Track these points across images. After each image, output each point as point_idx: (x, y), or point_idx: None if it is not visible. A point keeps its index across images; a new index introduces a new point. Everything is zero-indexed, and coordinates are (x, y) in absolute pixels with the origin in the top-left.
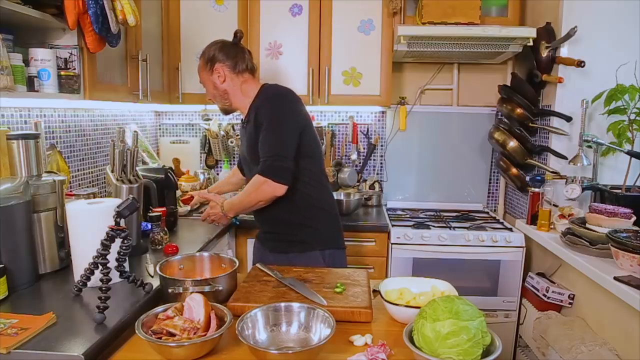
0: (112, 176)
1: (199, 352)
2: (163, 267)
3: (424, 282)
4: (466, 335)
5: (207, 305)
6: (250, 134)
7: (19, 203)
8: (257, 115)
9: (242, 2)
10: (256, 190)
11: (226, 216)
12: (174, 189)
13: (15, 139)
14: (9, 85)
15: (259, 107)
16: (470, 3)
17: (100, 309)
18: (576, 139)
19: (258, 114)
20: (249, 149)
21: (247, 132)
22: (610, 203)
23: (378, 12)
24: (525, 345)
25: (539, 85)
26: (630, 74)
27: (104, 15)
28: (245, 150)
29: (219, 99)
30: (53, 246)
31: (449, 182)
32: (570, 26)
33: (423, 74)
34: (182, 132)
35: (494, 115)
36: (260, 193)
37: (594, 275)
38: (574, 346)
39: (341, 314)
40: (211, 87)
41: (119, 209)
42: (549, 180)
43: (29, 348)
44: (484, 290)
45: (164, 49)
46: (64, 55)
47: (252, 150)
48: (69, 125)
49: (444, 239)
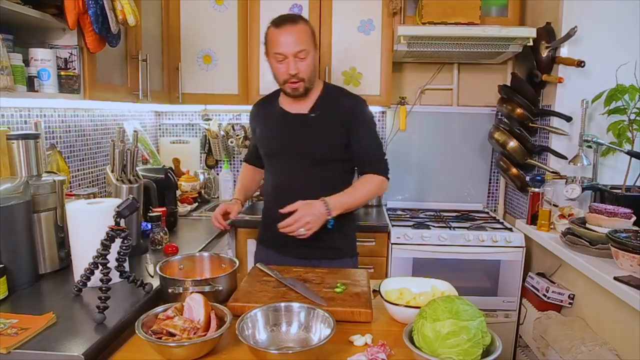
0: (112, 176)
1: (199, 352)
2: (163, 267)
3: (424, 282)
4: (466, 335)
5: (207, 305)
6: (324, 127)
7: (19, 203)
8: (352, 113)
9: (242, 2)
10: (377, 188)
11: (326, 216)
12: (174, 189)
13: (15, 139)
14: (9, 85)
15: (354, 106)
16: (470, 3)
17: (100, 309)
18: (576, 139)
19: (354, 112)
20: (319, 142)
21: (313, 124)
22: (610, 203)
23: (378, 12)
24: (525, 345)
25: (539, 85)
26: (630, 74)
27: (104, 15)
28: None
29: (311, 76)
30: (53, 246)
31: (449, 182)
32: (570, 26)
33: (423, 74)
34: (182, 132)
35: (494, 115)
36: (379, 191)
37: (594, 275)
38: (574, 346)
39: (341, 314)
40: (312, 60)
41: (119, 209)
42: (549, 180)
43: (29, 348)
44: (484, 290)
45: (164, 49)
46: (64, 55)
47: (322, 143)
48: (69, 125)
49: (444, 239)
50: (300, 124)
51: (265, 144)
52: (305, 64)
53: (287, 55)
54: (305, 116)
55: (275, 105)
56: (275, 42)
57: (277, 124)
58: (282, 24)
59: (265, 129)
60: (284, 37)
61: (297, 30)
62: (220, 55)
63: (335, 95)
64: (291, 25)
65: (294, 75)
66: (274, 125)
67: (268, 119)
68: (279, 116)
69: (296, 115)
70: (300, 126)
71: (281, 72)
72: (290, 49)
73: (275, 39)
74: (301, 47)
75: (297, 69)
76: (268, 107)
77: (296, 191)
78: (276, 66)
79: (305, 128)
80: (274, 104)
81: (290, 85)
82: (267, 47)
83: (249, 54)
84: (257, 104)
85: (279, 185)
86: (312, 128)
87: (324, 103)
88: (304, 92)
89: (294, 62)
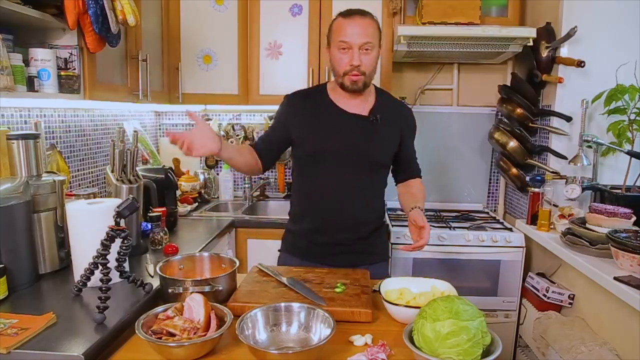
0: (112, 176)
1: (199, 352)
2: (163, 267)
3: (424, 282)
4: (466, 335)
5: (207, 305)
6: (385, 132)
7: (19, 203)
8: (407, 122)
9: (242, 2)
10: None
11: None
12: (174, 189)
13: (15, 139)
14: (9, 85)
15: (408, 115)
16: (470, 3)
17: (100, 309)
18: (576, 139)
19: (409, 121)
20: (380, 147)
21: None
22: (610, 203)
23: (378, 12)
24: (525, 345)
25: (539, 85)
26: (630, 74)
27: (104, 15)
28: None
29: (372, 73)
30: (53, 246)
31: (449, 182)
32: (570, 26)
33: (423, 74)
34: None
35: (494, 115)
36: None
37: (594, 275)
38: (574, 346)
39: (341, 314)
40: (376, 56)
41: (119, 209)
42: (549, 180)
43: (29, 348)
44: (484, 290)
45: (164, 49)
46: (64, 55)
47: (382, 148)
48: (69, 125)
49: (443, 239)
50: (361, 126)
51: (314, 139)
52: (369, 58)
53: (352, 46)
54: (365, 119)
55: (323, 100)
56: (341, 30)
57: (332, 121)
58: (352, 15)
59: (316, 123)
60: (351, 27)
61: (365, 23)
62: (220, 55)
63: (390, 101)
64: (360, 17)
65: (357, 67)
66: (327, 121)
67: (318, 113)
68: (333, 113)
69: (356, 115)
70: (360, 128)
71: (343, 63)
72: (356, 39)
73: (343, 28)
74: (368, 39)
75: (360, 61)
76: (316, 101)
77: (347, 195)
78: (338, 56)
79: (366, 131)
80: (322, 99)
81: (351, 78)
82: (332, 36)
83: (249, 54)
84: (296, 95)
85: (322, 190)
86: (375, 132)
87: (381, 107)
88: (363, 87)
89: (358, 54)
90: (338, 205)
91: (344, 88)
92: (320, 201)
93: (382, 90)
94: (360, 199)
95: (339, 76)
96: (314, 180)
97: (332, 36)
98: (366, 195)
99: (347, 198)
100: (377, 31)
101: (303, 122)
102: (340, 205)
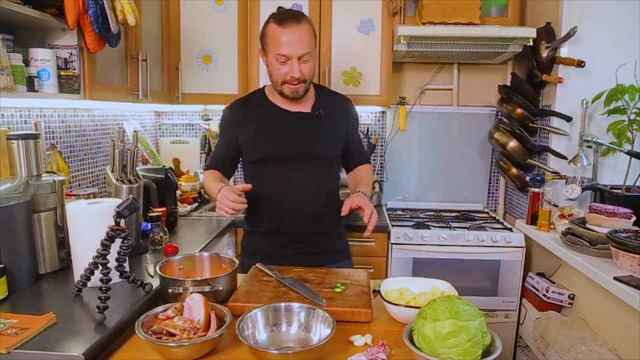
0: (112, 176)
1: (199, 352)
2: (163, 267)
3: (424, 282)
4: (466, 335)
5: (207, 305)
6: (330, 127)
7: (19, 203)
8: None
9: (242, 2)
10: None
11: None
12: (174, 189)
13: (15, 139)
14: (9, 85)
15: (349, 106)
16: (470, 3)
17: (100, 309)
18: (576, 139)
19: (351, 112)
20: (328, 142)
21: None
22: (610, 203)
23: (378, 12)
24: (525, 345)
25: (539, 85)
26: (630, 74)
27: (104, 15)
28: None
29: (311, 77)
30: (53, 246)
31: (449, 182)
32: (570, 26)
33: (423, 74)
34: (182, 132)
35: (494, 115)
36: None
37: (594, 275)
38: (574, 346)
39: (341, 314)
40: (314, 61)
41: (119, 209)
42: (549, 180)
43: (29, 348)
44: (484, 290)
45: (164, 49)
46: (64, 55)
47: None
48: (69, 125)
49: (443, 239)
50: (307, 123)
51: (262, 144)
52: (308, 67)
53: (291, 57)
54: (309, 115)
55: (264, 103)
56: (278, 42)
57: (277, 123)
58: (286, 23)
59: (261, 128)
60: (288, 37)
61: (301, 31)
62: (220, 55)
63: (329, 95)
64: (296, 25)
65: (297, 78)
66: (272, 124)
67: (261, 117)
68: (276, 114)
69: (299, 114)
70: (306, 126)
71: (281, 73)
72: (295, 51)
73: (278, 39)
74: (306, 49)
75: (300, 72)
76: (256, 106)
77: (302, 193)
78: (276, 66)
79: (313, 127)
80: (262, 103)
81: (290, 87)
82: (267, 44)
83: (249, 54)
84: (236, 104)
85: (275, 190)
86: (320, 128)
87: (322, 102)
88: (303, 94)
89: (298, 65)
90: (293, 204)
91: (284, 96)
92: (275, 201)
93: (319, 85)
94: (315, 194)
95: (277, 85)
96: (268, 182)
97: (267, 45)
98: (320, 190)
99: (301, 195)
100: (313, 36)
101: (247, 128)
102: (295, 203)
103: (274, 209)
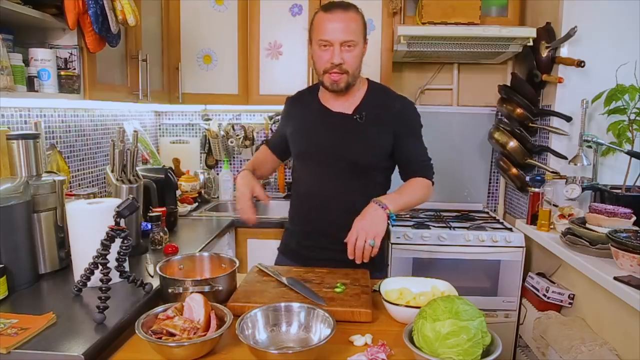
0: (112, 176)
1: (199, 352)
2: (163, 267)
3: (424, 282)
4: (466, 335)
5: (207, 305)
6: (369, 132)
7: (19, 203)
8: (404, 119)
9: (242, 2)
10: (426, 194)
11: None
12: (174, 189)
13: (15, 139)
14: (9, 85)
15: (407, 111)
16: (470, 3)
17: (100, 309)
18: (576, 139)
19: (407, 118)
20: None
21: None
22: (610, 203)
23: (378, 12)
24: (525, 345)
25: (539, 85)
26: (630, 74)
27: (104, 15)
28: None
29: (356, 70)
30: (53, 246)
31: (449, 182)
32: (570, 26)
33: (423, 74)
34: (182, 132)
35: (494, 115)
36: (427, 196)
37: (594, 275)
38: (574, 346)
39: (341, 314)
40: (359, 52)
41: (119, 209)
42: (549, 180)
43: (29, 348)
44: (484, 290)
45: (164, 49)
46: (64, 55)
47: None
48: (69, 125)
49: (443, 239)
50: (343, 125)
51: (299, 140)
52: (352, 55)
53: (333, 43)
54: (349, 117)
55: (314, 99)
56: (321, 27)
57: (316, 121)
58: (333, 9)
59: (302, 124)
60: (332, 23)
61: (347, 18)
62: (220, 55)
63: (381, 96)
64: (342, 12)
65: (337, 65)
66: (311, 122)
67: (306, 113)
68: (319, 112)
69: (338, 114)
70: (342, 127)
71: (323, 60)
72: (337, 36)
73: (322, 25)
74: (350, 36)
75: (341, 59)
76: (306, 102)
77: (328, 200)
78: (318, 53)
79: (348, 130)
80: (313, 98)
81: (331, 77)
82: (312, 32)
83: (249, 54)
84: (293, 97)
85: (308, 191)
86: (356, 132)
87: (370, 104)
88: (345, 87)
89: (340, 51)
90: (321, 209)
91: (325, 88)
92: (307, 203)
93: (378, 85)
94: (346, 207)
95: (319, 75)
96: (303, 182)
97: (312, 33)
98: (350, 199)
99: (328, 201)
100: (362, 25)
101: (293, 122)
102: (323, 209)
103: (305, 211)
